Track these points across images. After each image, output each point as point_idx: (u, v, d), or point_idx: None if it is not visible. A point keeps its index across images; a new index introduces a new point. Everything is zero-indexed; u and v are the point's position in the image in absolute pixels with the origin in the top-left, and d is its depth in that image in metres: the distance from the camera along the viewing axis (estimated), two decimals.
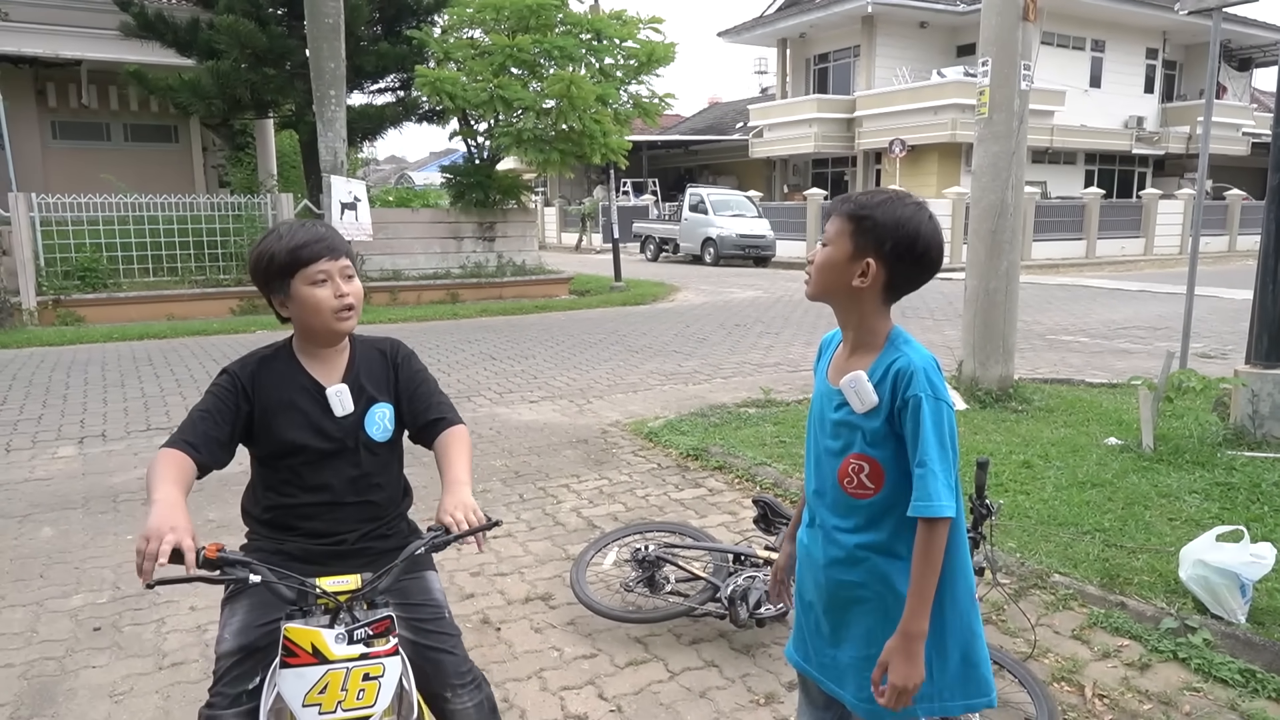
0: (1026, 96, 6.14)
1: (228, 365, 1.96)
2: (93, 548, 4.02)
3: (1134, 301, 14.09)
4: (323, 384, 1.94)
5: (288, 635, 1.63)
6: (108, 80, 17.68)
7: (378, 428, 1.97)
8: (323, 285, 1.85)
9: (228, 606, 1.91)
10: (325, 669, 1.61)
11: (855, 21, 27.74)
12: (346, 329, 1.92)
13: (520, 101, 14.25)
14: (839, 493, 1.67)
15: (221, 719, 1.77)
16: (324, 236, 1.89)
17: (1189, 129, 29.65)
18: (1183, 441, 5.03)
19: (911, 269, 1.61)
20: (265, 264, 1.87)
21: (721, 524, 4.27)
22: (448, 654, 1.93)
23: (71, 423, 6.31)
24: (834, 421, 1.68)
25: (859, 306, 1.65)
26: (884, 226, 1.58)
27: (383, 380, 2.01)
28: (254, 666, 1.80)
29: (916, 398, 1.55)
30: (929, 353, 1.63)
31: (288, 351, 1.98)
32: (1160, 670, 2.89)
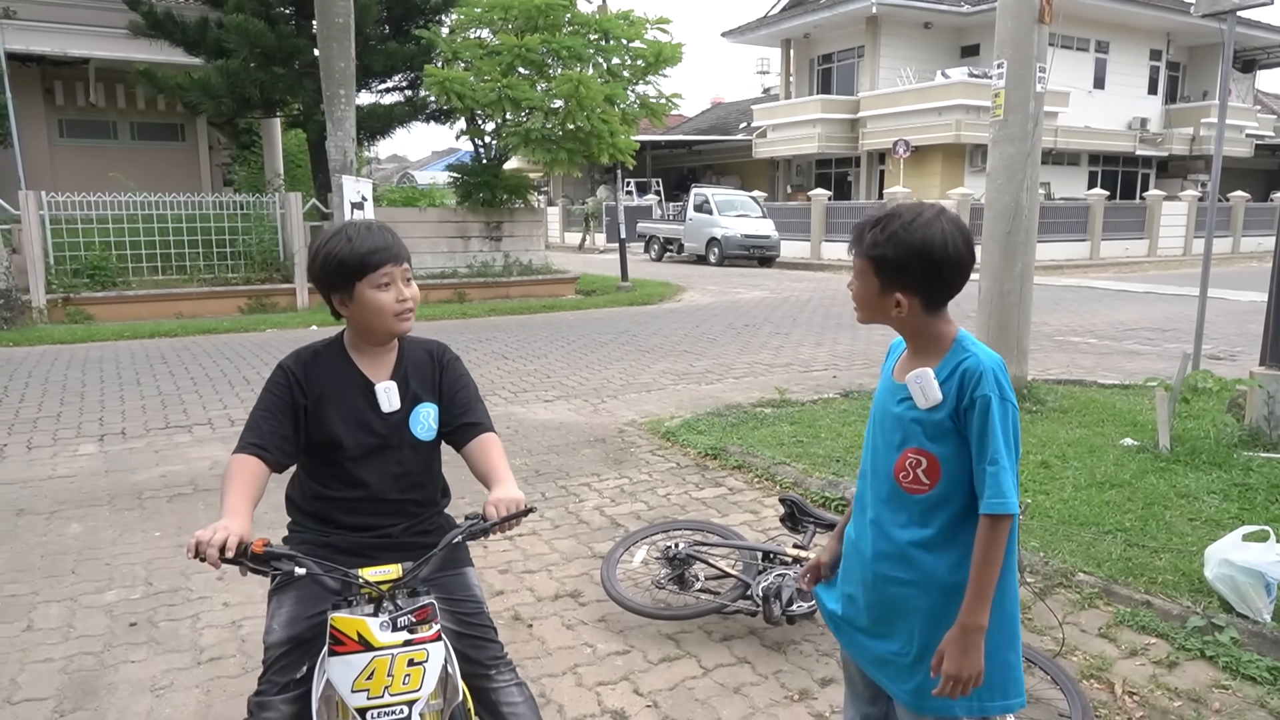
0: (1041, 98, 6.17)
1: (282, 360, 2.01)
2: (122, 544, 4.05)
3: (1140, 303, 14.13)
4: (372, 380, 1.99)
5: (334, 624, 1.69)
6: (115, 79, 17.71)
7: (422, 426, 2.02)
8: (386, 289, 1.92)
9: (275, 598, 1.97)
10: (371, 656, 1.67)
11: (859, 22, 27.78)
12: (405, 329, 1.99)
13: (528, 101, 14.28)
14: (894, 487, 1.71)
15: (271, 705, 1.83)
16: (390, 244, 1.94)
17: (1192, 130, 29.70)
18: (1199, 442, 5.06)
19: (943, 283, 1.65)
20: (334, 266, 1.92)
21: (744, 522, 4.30)
22: (488, 640, 2.00)
23: (90, 420, 6.34)
24: (895, 415, 1.72)
25: (910, 326, 1.70)
26: (899, 260, 1.62)
27: (429, 380, 2.06)
28: (301, 656, 1.86)
29: (986, 397, 1.59)
30: (997, 355, 1.67)
31: (339, 346, 2.03)
32: (1188, 668, 2.92)
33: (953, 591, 1.65)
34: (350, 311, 1.96)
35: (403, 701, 1.67)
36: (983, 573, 1.59)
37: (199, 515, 4.42)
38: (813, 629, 3.23)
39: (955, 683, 1.61)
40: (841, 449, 5.25)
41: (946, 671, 1.61)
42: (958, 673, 1.60)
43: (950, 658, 1.61)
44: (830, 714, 2.72)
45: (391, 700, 1.67)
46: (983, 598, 1.59)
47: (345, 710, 1.71)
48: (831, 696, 2.81)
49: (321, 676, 1.74)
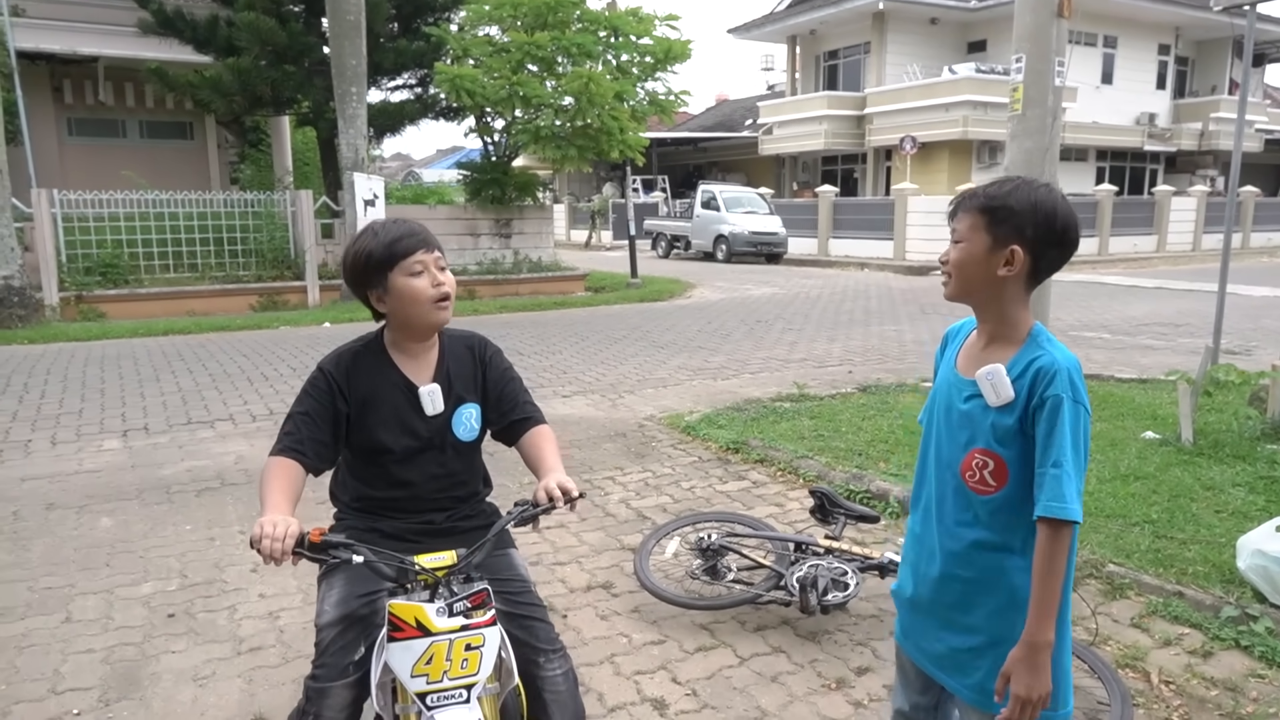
0: (1060, 93, 6.18)
1: (321, 362, 2.00)
2: (154, 537, 4.08)
3: (1151, 298, 14.11)
4: (415, 382, 1.99)
5: (393, 611, 1.71)
6: (124, 77, 17.75)
7: (465, 428, 2.02)
8: (420, 276, 1.89)
9: (324, 582, 1.99)
10: (430, 641, 1.69)
11: (866, 18, 27.74)
12: (444, 319, 1.96)
13: (538, 98, 14.31)
14: (960, 485, 1.66)
15: (330, 691, 1.82)
16: (418, 231, 1.93)
17: (1201, 125, 29.62)
18: (1222, 435, 5.07)
19: (1054, 250, 1.59)
20: (364, 261, 1.91)
21: (769, 515, 4.31)
22: (540, 621, 2.00)
23: (112, 416, 6.38)
24: (961, 412, 1.66)
25: (1001, 297, 1.61)
26: (1021, 213, 1.56)
27: (470, 379, 2.05)
28: (356, 637, 1.86)
29: (1058, 397, 1.52)
30: (1073, 354, 1.60)
31: (379, 346, 2.01)
32: (1223, 657, 2.93)
33: (1019, 593, 1.60)
34: (388, 305, 1.94)
35: (461, 685, 1.70)
36: (1046, 585, 1.52)
37: (227, 510, 4.45)
38: (845, 619, 3.25)
39: (1025, 704, 1.53)
40: (863, 443, 5.26)
41: (1016, 693, 1.53)
42: (1027, 694, 1.52)
43: (1018, 678, 1.53)
44: (868, 702, 2.74)
45: (450, 685, 1.69)
46: (1048, 612, 1.52)
47: (405, 694, 1.74)
48: (868, 685, 2.83)
49: (379, 662, 1.77)
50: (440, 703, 1.69)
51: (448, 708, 1.69)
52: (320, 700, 1.83)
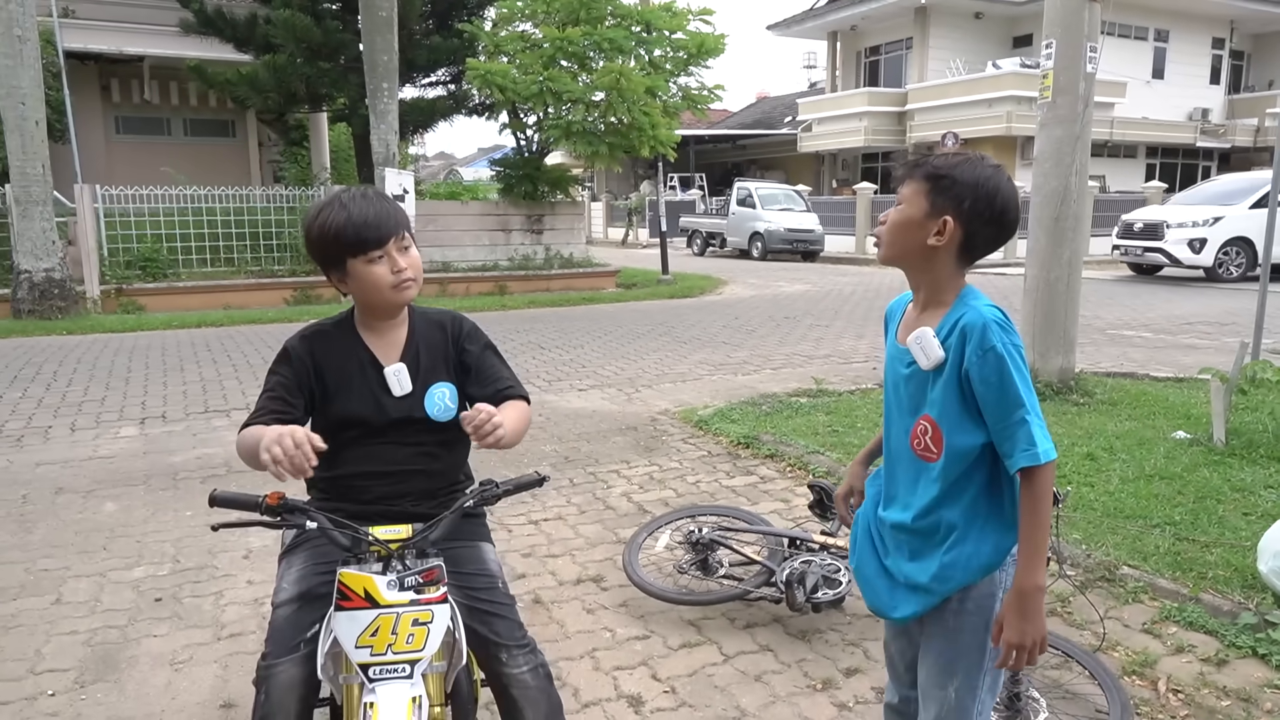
0: (1092, 79, 5.95)
1: (287, 342, 1.95)
2: (154, 522, 4.10)
3: (1200, 296, 13.64)
4: (381, 361, 1.93)
5: (342, 579, 1.68)
6: (169, 76, 18.15)
7: (438, 407, 1.95)
8: (379, 262, 1.83)
9: (284, 560, 1.94)
10: (377, 613, 1.66)
11: (908, 13, 27.32)
12: (406, 299, 1.90)
13: (570, 94, 14.27)
14: (911, 454, 1.65)
15: (278, 669, 1.76)
16: (385, 216, 1.84)
17: (1257, 121, 28.67)
18: (1257, 435, 4.82)
19: (989, 228, 1.58)
20: (330, 238, 1.83)
21: (774, 511, 4.20)
22: (500, 617, 1.92)
23: (133, 404, 6.47)
24: (904, 379, 1.66)
25: (933, 267, 1.61)
26: (962, 185, 1.55)
27: (442, 358, 1.98)
28: (310, 614, 1.81)
29: (995, 349, 1.51)
30: (996, 306, 1.58)
31: (348, 324, 1.96)
32: (1238, 666, 2.76)
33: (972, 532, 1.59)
34: (349, 288, 1.89)
35: (405, 660, 1.66)
36: (1035, 531, 1.51)
37: None
38: (839, 618, 3.13)
39: (1020, 650, 1.53)
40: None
41: (1009, 640, 1.53)
42: (1020, 639, 1.52)
43: (1010, 625, 1.53)
44: (854, 704, 2.62)
45: (395, 658, 1.66)
46: (1038, 556, 1.52)
47: (350, 666, 1.70)
48: (856, 687, 2.71)
49: (329, 632, 1.73)
50: (382, 675, 1.66)
51: (389, 681, 1.65)
52: (270, 679, 1.76)
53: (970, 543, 1.59)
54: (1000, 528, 1.60)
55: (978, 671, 1.63)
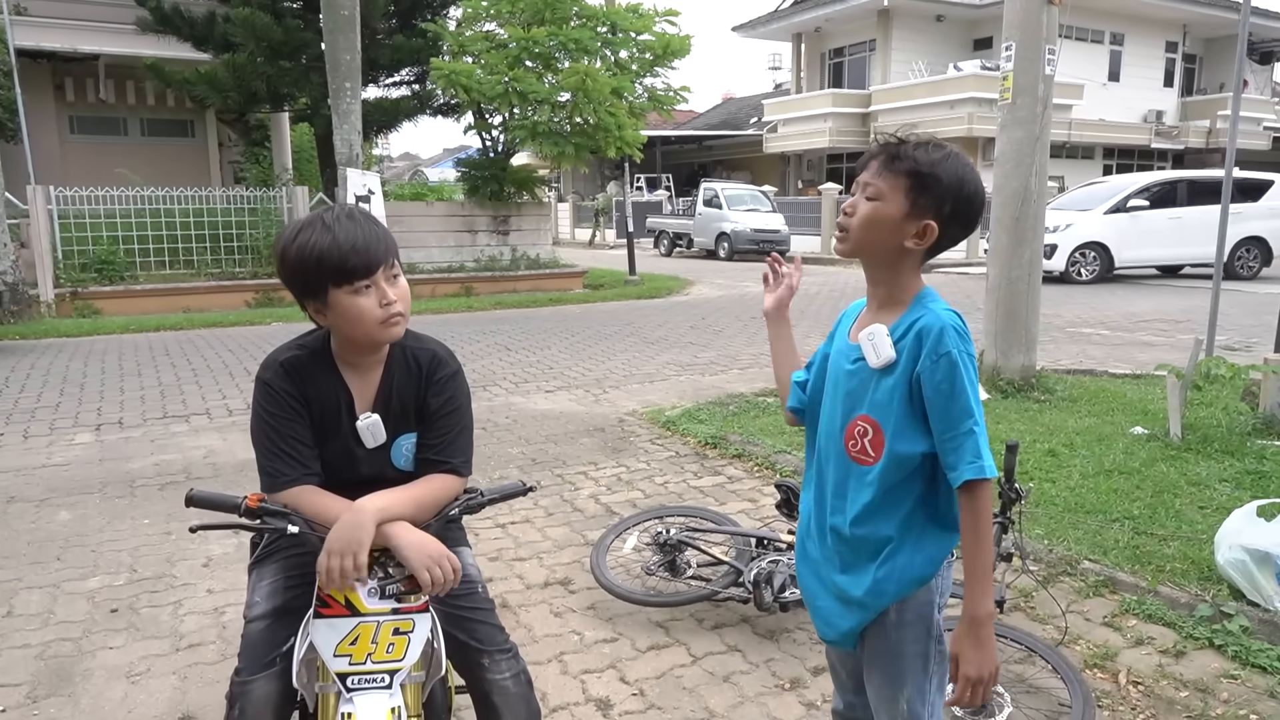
0: (1051, 81, 6.04)
1: (265, 377, 1.76)
2: (110, 531, 4.00)
3: (1155, 294, 13.92)
4: (357, 403, 1.80)
5: (321, 585, 1.62)
6: (125, 75, 17.77)
7: (405, 459, 1.85)
8: (366, 293, 1.66)
9: (255, 571, 1.88)
10: (357, 621, 1.62)
11: (871, 15, 27.59)
12: (394, 336, 1.74)
13: (535, 94, 14.20)
14: (844, 455, 1.58)
15: (253, 686, 1.71)
16: (374, 240, 1.67)
17: (1209, 123, 29.34)
18: (1211, 430, 4.93)
19: (962, 230, 1.54)
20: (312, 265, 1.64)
21: (742, 510, 4.21)
22: (481, 623, 1.88)
23: (89, 410, 6.32)
24: (846, 373, 1.59)
25: (898, 265, 1.55)
26: (947, 187, 1.49)
27: (412, 404, 1.83)
28: (284, 629, 1.75)
29: (950, 354, 1.45)
30: (954, 310, 1.53)
31: (325, 356, 1.79)
32: (1196, 657, 2.81)
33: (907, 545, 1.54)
34: (329, 320, 1.71)
35: (385, 670, 1.63)
36: (979, 552, 1.45)
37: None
38: (806, 617, 3.10)
39: (977, 685, 1.46)
40: None
41: (965, 674, 1.46)
42: (978, 673, 1.45)
43: (967, 659, 1.46)
44: (822, 703, 2.63)
45: (374, 668, 1.62)
46: (983, 581, 1.45)
47: (326, 674, 1.64)
48: (823, 685, 2.72)
49: (305, 638, 1.67)
50: (361, 685, 1.61)
51: (368, 691, 1.61)
52: (243, 697, 1.71)
53: (904, 555, 1.54)
54: (936, 539, 1.55)
55: (924, 677, 1.59)
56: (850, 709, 1.82)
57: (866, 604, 1.58)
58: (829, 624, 1.67)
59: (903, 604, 1.56)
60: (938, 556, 1.55)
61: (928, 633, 1.58)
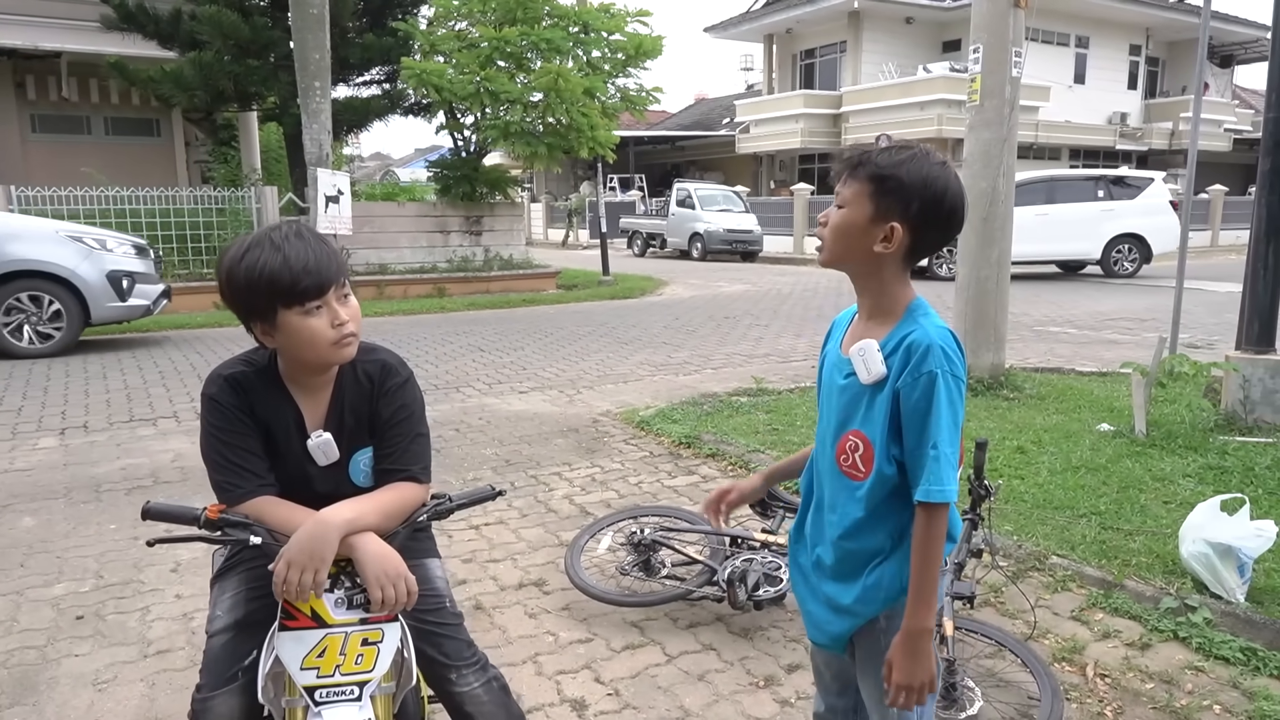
0: (1018, 83, 6.12)
1: (212, 393, 1.71)
2: (75, 537, 3.93)
3: (1120, 294, 14.17)
4: (308, 422, 1.76)
5: (286, 597, 1.59)
6: (88, 73, 17.45)
7: (363, 474, 1.81)
8: (317, 314, 1.62)
9: (217, 585, 1.84)
10: (324, 633, 1.60)
11: (842, 17, 27.80)
12: (346, 356, 1.70)
13: (507, 94, 14.16)
14: (836, 469, 1.59)
15: (214, 703, 1.68)
16: (324, 261, 1.62)
17: (1172, 125, 29.90)
18: (1175, 427, 5.03)
19: (936, 231, 1.51)
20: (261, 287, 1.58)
21: None
22: (448, 637, 1.85)
23: (52, 414, 6.20)
24: (840, 388, 1.59)
25: (879, 272, 1.53)
26: (910, 187, 1.47)
27: (365, 418, 1.79)
28: (246, 642, 1.72)
29: (932, 373, 1.44)
30: (946, 326, 1.52)
31: (273, 375, 1.75)
32: (1161, 650, 2.87)
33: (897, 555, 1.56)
34: (276, 341, 1.66)
35: (354, 682, 1.60)
36: (924, 571, 1.46)
37: None
38: (781, 615, 3.16)
39: (909, 691, 1.50)
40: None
41: (898, 681, 1.49)
42: (909, 681, 1.49)
43: (900, 667, 1.49)
44: (796, 700, 2.65)
45: (342, 680, 1.59)
46: (926, 598, 1.47)
47: (293, 688, 1.61)
48: (797, 683, 2.74)
49: (270, 652, 1.64)
50: (329, 699, 1.58)
51: (337, 704, 1.58)
52: (205, 713, 1.68)
53: (894, 564, 1.55)
54: None
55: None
56: (831, 712, 1.84)
57: (856, 611, 1.60)
58: (819, 628, 1.68)
59: (893, 611, 1.57)
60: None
61: None
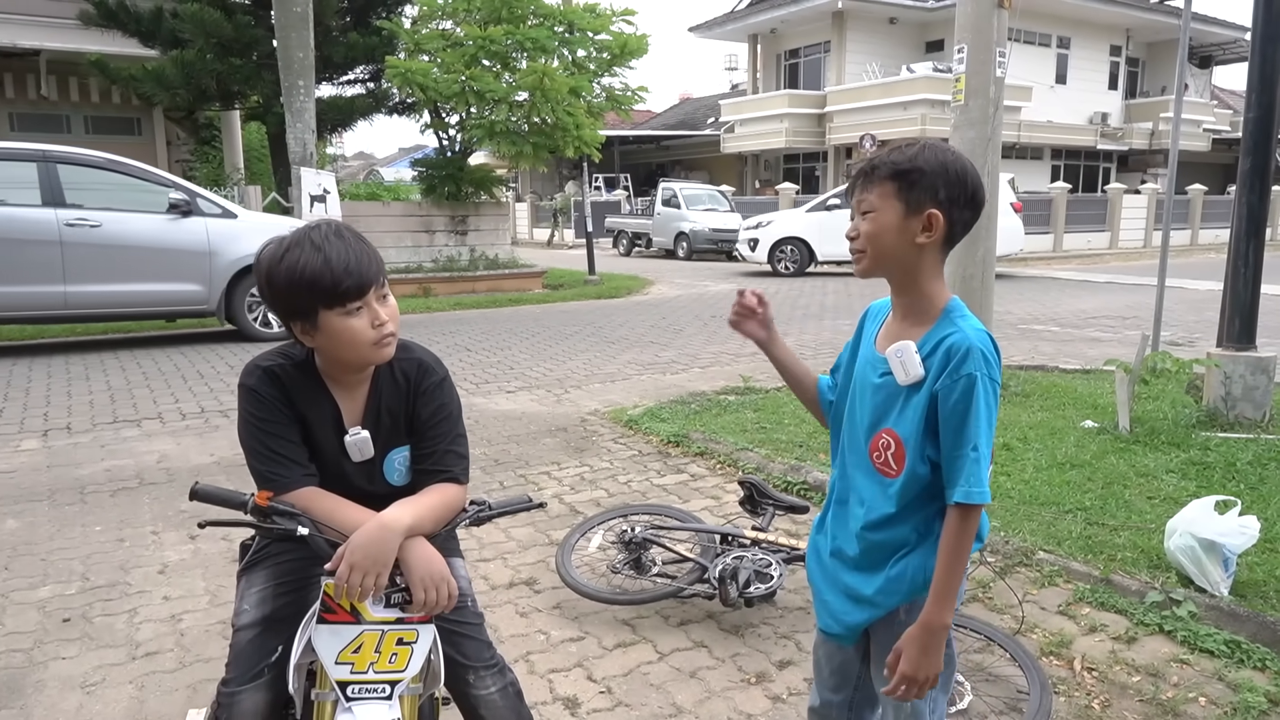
0: (1002, 83, 6.16)
1: (250, 383, 1.71)
2: (60, 539, 3.90)
3: (1102, 292, 14.30)
4: (346, 418, 1.77)
5: (327, 591, 1.59)
6: (68, 71, 17.30)
7: (398, 474, 1.82)
8: (358, 314, 1.63)
9: (244, 578, 1.82)
10: (361, 629, 1.59)
11: (825, 17, 27.90)
12: (386, 356, 1.71)
13: (493, 93, 14.11)
14: (869, 465, 1.61)
15: (242, 696, 1.67)
16: (359, 265, 1.62)
17: (1152, 125, 30.19)
18: (1158, 423, 5.09)
19: (965, 212, 1.52)
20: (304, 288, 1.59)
21: (705, 508, 4.23)
22: (470, 638, 1.84)
23: (34, 416, 6.14)
24: (874, 389, 1.60)
25: (919, 268, 1.55)
26: (933, 173, 1.50)
27: (401, 416, 1.80)
28: (274, 638, 1.72)
29: (971, 377, 1.46)
30: (984, 328, 1.53)
31: (310, 369, 1.75)
32: (1147, 643, 2.90)
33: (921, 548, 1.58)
34: (316, 341, 1.67)
35: (386, 680, 1.59)
36: (951, 569, 1.48)
37: (142, 509, 4.27)
38: (771, 612, 3.17)
39: (911, 683, 1.51)
40: (804, 434, 5.20)
41: (903, 672, 1.51)
42: (914, 673, 1.51)
43: (908, 658, 1.51)
44: (788, 696, 2.66)
45: (375, 677, 1.59)
46: (948, 595, 1.49)
47: (325, 680, 1.61)
48: (789, 679, 2.75)
49: (303, 640, 1.63)
50: (361, 695, 1.58)
51: (368, 701, 1.58)
52: (232, 707, 1.67)
53: (918, 557, 1.57)
54: None
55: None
56: (826, 707, 1.84)
57: (877, 602, 1.61)
58: (835, 618, 1.69)
59: (913, 605, 1.58)
60: None
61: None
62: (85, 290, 8.54)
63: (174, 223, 8.90)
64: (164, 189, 9.10)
